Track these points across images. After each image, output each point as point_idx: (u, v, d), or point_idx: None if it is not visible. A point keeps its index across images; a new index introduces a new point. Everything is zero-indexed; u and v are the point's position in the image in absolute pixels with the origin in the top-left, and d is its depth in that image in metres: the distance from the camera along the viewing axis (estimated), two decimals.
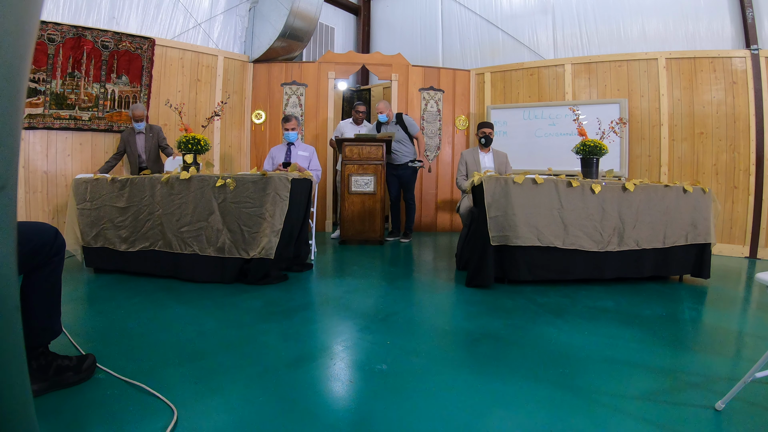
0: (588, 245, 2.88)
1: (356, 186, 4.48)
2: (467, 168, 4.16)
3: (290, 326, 2.11)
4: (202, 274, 2.94)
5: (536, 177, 2.85)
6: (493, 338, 1.98)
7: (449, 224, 5.88)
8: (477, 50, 6.33)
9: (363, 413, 1.32)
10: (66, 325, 1.70)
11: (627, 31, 5.19)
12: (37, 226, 1.39)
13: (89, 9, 4.41)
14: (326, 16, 7.05)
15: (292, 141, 4.24)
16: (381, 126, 4.86)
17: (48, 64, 4.04)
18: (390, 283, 3.03)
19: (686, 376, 1.62)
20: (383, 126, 4.84)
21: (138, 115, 4.23)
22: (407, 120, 4.83)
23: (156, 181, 3.06)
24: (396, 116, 4.87)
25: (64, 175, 4.22)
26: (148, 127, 4.33)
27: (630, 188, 2.93)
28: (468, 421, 1.28)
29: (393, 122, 4.83)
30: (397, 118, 4.85)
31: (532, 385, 1.51)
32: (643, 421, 1.29)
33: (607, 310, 2.45)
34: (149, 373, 1.56)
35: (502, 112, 5.60)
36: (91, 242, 3.22)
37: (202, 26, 5.32)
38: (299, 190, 3.05)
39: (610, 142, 3.73)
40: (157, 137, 4.34)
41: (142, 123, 4.26)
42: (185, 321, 2.18)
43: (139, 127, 4.26)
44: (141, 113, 4.24)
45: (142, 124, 4.27)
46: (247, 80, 5.62)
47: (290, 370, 1.62)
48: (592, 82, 5.20)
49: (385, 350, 1.82)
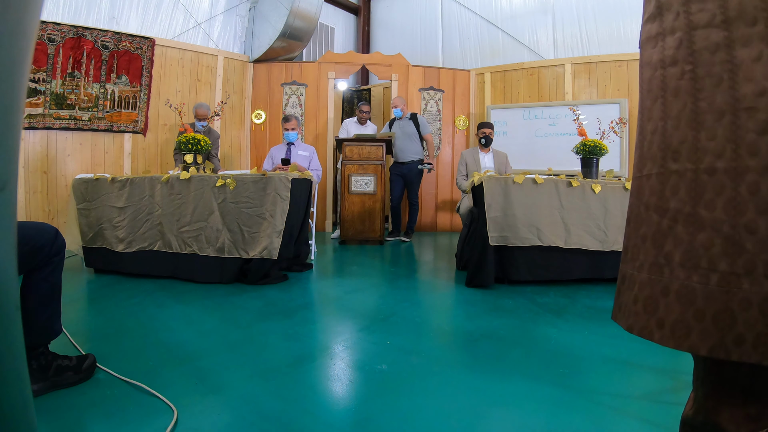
0: (592, 245, 2.87)
1: (356, 186, 4.48)
2: (467, 168, 4.16)
3: (290, 326, 2.11)
4: (202, 274, 2.94)
5: (536, 177, 2.85)
6: (493, 338, 1.98)
7: (449, 224, 5.88)
8: (477, 50, 6.33)
9: (363, 413, 1.32)
10: (66, 325, 1.70)
11: (627, 31, 5.19)
12: (37, 226, 1.39)
13: (89, 9, 4.41)
14: (326, 16, 7.05)
15: (292, 141, 4.25)
16: (394, 121, 4.89)
17: (48, 64, 4.04)
18: (390, 283, 3.03)
19: (686, 376, 1.62)
20: (396, 121, 4.87)
21: (201, 114, 4.29)
22: (421, 120, 4.88)
23: (156, 181, 3.06)
24: (410, 114, 4.92)
25: (64, 175, 4.22)
26: (207, 129, 4.37)
27: (630, 188, 2.93)
28: (468, 421, 1.28)
29: (407, 117, 4.86)
30: (412, 116, 4.90)
31: (532, 385, 1.51)
32: (643, 421, 1.29)
33: (607, 310, 2.45)
34: (149, 373, 1.56)
35: (502, 112, 5.60)
36: (91, 242, 3.22)
37: (202, 26, 5.32)
38: (299, 190, 3.05)
39: (610, 142, 3.73)
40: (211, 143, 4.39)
41: (204, 122, 4.30)
42: (185, 321, 2.18)
43: (201, 125, 4.30)
44: (204, 112, 4.30)
45: (204, 123, 4.31)
46: (247, 80, 5.62)
47: (290, 369, 1.62)
48: (592, 82, 5.20)
49: (385, 350, 1.82)
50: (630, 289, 0.66)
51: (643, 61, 0.67)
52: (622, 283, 0.70)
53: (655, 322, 0.60)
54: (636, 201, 0.68)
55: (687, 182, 0.58)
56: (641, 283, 0.64)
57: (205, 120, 4.32)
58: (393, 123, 4.93)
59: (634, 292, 0.65)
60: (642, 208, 0.66)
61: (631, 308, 0.65)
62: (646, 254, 0.64)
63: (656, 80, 0.63)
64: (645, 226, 0.65)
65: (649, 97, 0.65)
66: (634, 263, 0.66)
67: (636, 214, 0.68)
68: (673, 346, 0.58)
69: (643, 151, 0.66)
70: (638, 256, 0.66)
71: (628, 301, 0.66)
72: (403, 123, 4.85)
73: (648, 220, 0.64)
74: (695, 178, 0.57)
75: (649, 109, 0.65)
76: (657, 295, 0.61)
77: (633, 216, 0.69)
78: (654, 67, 0.64)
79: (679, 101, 0.59)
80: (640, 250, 0.65)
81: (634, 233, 0.68)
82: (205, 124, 4.33)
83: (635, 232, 0.67)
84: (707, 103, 0.56)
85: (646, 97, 0.66)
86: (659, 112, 0.62)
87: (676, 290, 0.58)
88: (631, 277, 0.67)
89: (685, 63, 0.58)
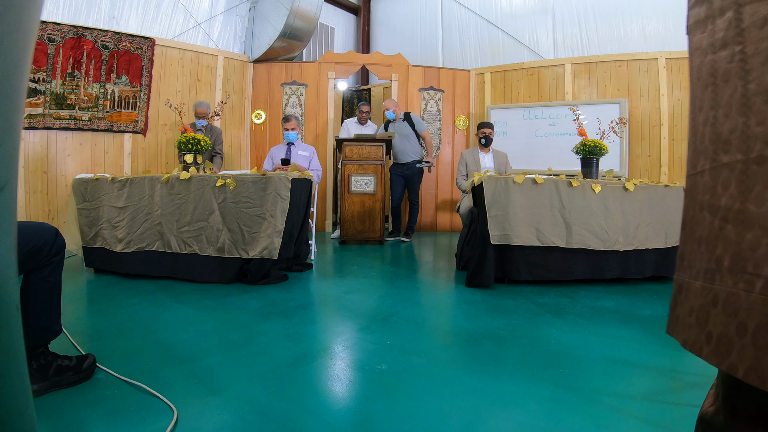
0: (594, 244, 2.87)
1: (356, 186, 4.48)
2: (467, 168, 4.16)
3: (290, 326, 2.11)
4: (202, 274, 2.94)
5: (536, 177, 2.85)
6: (493, 338, 1.98)
7: (449, 224, 5.88)
8: (477, 50, 6.33)
9: (363, 413, 1.32)
10: (66, 325, 1.70)
11: (627, 31, 5.19)
12: (37, 226, 1.39)
13: (89, 9, 4.41)
14: (326, 16, 7.05)
15: (292, 141, 4.25)
16: (389, 123, 4.89)
17: (48, 64, 4.04)
18: (390, 283, 3.03)
19: (686, 376, 1.62)
20: (391, 123, 4.88)
21: (201, 112, 4.31)
22: (415, 118, 4.86)
23: (156, 181, 3.06)
24: (404, 115, 4.91)
25: (64, 175, 4.22)
26: (209, 126, 4.37)
27: (630, 188, 2.93)
28: (468, 421, 1.28)
29: (401, 119, 4.86)
30: (405, 116, 4.89)
31: (532, 385, 1.51)
32: (643, 421, 1.29)
33: (607, 310, 2.45)
34: (149, 373, 1.56)
35: (502, 112, 5.60)
36: (91, 242, 3.22)
37: (202, 26, 5.32)
38: (299, 190, 3.05)
39: (610, 142, 3.73)
40: (214, 140, 4.40)
41: (204, 120, 4.30)
42: (185, 321, 2.18)
43: (201, 124, 4.31)
44: (204, 110, 4.32)
45: (204, 121, 4.31)
46: (247, 80, 5.62)
47: (290, 369, 1.62)
48: (592, 82, 5.20)
49: (385, 350, 1.82)
50: (687, 300, 0.61)
51: (692, 48, 0.62)
52: (678, 293, 0.64)
53: (705, 335, 0.54)
54: (690, 201, 0.62)
55: (737, 175, 0.52)
56: (696, 293, 0.58)
57: (205, 119, 4.33)
58: (388, 125, 4.93)
59: (689, 303, 0.60)
60: (696, 209, 0.60)
61: (686, 320, 0.60)
62: (701, 260, 0.58)
63: (706, 66, 0.58)
64: (700, 228, 0.59)
65: (699, 86, 0.60)
66: (690, 271, 0.61)
67: (691, 216, 0.62)
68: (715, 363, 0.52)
69: (697, 146, 0.61)
70: (694, 263, 0.60)
71: (683, 313, 0.61)
72: (397, 125, 4.85)
73: (702, 222, 0.58)
74: (745, 170, 0.51)
75: (700, 99, 0.60)
76: (708, 305, 0.55)
77: (688, 218, 0.63)
78: (703, 53, 0.59)
79: (730, 86, 0.54)
80: (695, 255, 0.59)
81: (689, 237, 0.62)
82: (204, 123, 4.33)
83: (691, 235, 0.61)
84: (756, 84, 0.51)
85: (697, 85, 0.61)
86: (710, 101, 0.57)
87: (724, 299, 0.52)
88: (688, 286, 0.61)
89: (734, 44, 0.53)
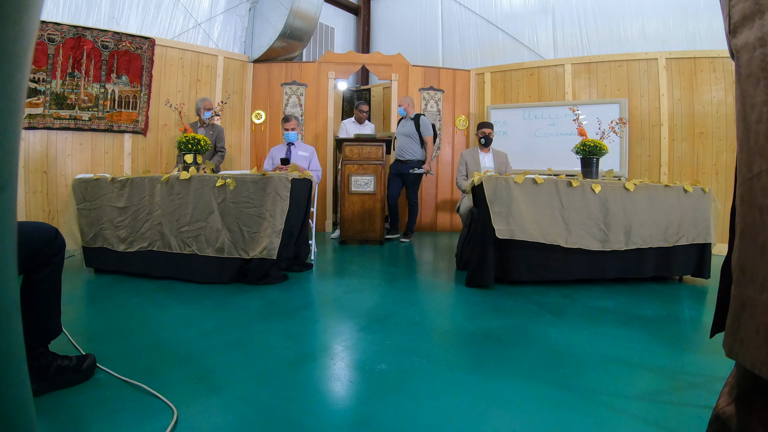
0: (591, 245, 2.87)
1: (356, 186, 4.48)
2: (467, 168, 4.16)
3: (290, 326, 2.11)
4: (202, 274, 2.94)
5: (536, 177, 2.85)
6: (493, 338, 1.98)
7: (449, 224, 5.88)
8: (477, 50, 6.33)
9: (363, 413, 1.32)
10: (66, 325, 1.70)
11: (627, 31, 5.19)
12: (37, 226, 1.39)
13: (89, 9, 4.41)
14: (326, 16, 7.05)
15: (292, 141, 4.25)
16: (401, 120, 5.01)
17: (48, 64, 4.04)
18: (390, 283, 3.03)
19: (686, 376, 1.62)
20: (402, 120, 4.98)
21: (207, 105, 4.37)
22: (423, 121, 4.89)
23: (156, 181, 3.06)
24: (414, 115, 4.95)
25: (64, 175, 4.22)
26: (211, 124, 4.41)
27: (630, 188, 2.93)
28: (468, 421, 1.28)
29: (410, 118, 4.88)
30: (415, 117, 4.93)
31: (532, 385, 1.51)
32: (643, 421, 1.29)
33: (607, 310, 2.45)
34: (149, 373, 1.56)
35: (502, 112, 5.60)
36: (91, 242, 3.22)
37: (202, 26, 5.32)
38: (299, 190, 3.05)
39: (610, 142, 3.73)
40: (216, 137, 4.40)
41: (210, 112, 4.36)
42: (185, 321, 2.18)
43: (207, 115, 4.35)
44: (209, 103, 4.39)
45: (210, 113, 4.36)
46: (247, 80, 5.62)
47: (290, 369, 1.62)
48: (592, 82, 5.20)
49: (385, 350, 1.82)
50: (752, 318, 0.54)
51: (739, 45, 0.58)
52: (742, 311, 0.56)
53: None
54: (748, 208, 0.56)
55: None
56: (763, 308, 0.52)
57: (211, 110, 4.38)
58: (400, 121, 5.03)
59: (756, 321, 0.53)
60: (757, 214, 0.54)
61: (753, 340, 0.53)
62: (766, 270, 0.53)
63: (756, 61, 0.55)
64: (762, 235, 0.53)
65: (749, 82, 0.56)
66: (754, 285, 0.54)
67: (750, 224, 0.55)
68: None
69: (750, 146, 0.56)
70: (758, 275, 0.53)
71: (750, 333, 0.54)
72: (405, 122, 4.92)
73: (764, 227, 0.53)
74: None
75: (752, 96, 0.56)
76: None
77: (747, 226, 0.56)
78: (752, 48, 0.55)
79: None
80: (759, 266, 0.53)
81: (750, 246, 0.55)
82: (210, 114, 4.36)
83: (752, 244, 0.55)
84: None
85: (746, 82, 0.57)
86: (763, 96, 0.54)
87: None
88: (752, 302, 0.54)
89: None
